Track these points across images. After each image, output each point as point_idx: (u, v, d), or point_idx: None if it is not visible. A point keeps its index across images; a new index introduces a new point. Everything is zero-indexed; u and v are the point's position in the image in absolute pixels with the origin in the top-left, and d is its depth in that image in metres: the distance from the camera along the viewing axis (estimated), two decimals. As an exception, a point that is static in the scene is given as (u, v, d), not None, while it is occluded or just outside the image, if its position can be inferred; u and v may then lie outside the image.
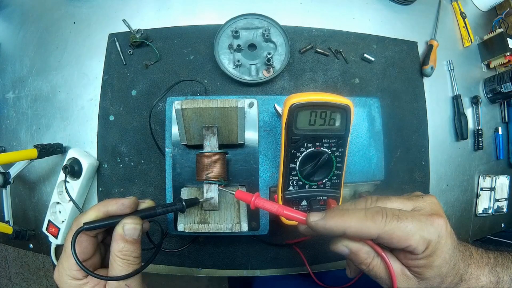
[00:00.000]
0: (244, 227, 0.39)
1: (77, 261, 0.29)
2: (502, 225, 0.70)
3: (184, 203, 0.36)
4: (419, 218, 0.27)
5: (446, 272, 0.28)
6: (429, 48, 0.63)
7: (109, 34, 0.59)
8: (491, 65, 0.68)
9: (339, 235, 0.29)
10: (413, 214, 0.28)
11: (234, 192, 0.35)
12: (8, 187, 0.57)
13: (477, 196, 0.66)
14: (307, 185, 0.37)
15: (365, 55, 0.60)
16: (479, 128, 0.65)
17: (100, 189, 0.57)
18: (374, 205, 0.30)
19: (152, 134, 0.55)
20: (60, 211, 0.56)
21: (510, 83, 0.62)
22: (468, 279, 0.29)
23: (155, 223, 0.37)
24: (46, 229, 0.56)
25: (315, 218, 0.29)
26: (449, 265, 0.28)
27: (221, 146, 0.42)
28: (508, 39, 0.64)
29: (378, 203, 0.30)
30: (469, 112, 0.66)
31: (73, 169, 0.53)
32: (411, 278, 0.29)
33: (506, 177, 0.69)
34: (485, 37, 0.68)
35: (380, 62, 0.61)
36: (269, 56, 0.55)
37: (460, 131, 0.64)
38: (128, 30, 0.57)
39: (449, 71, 0.65)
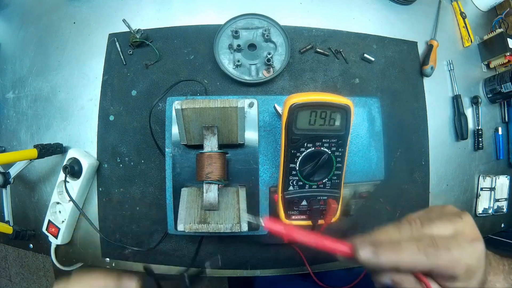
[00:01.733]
0: (244, 227, 0.39)
1: None
2: (502, 225, 0.70)
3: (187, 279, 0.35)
4: (463, 245, 0.27)
5: None
6: (429, 48, 0.63)
7: (109, 34, 0.59)
8: (491, 65, 0.68)
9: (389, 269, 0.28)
10: (458, 241, 0.27)
11: (262, 224, 0.31)
12: (8, 187, 0.57)
13: (477, 196, 0.66)
14: (307, 185, 0.37)
15: (365, 55, 0.60)
16: (479, 128, 0.65)
17: (100, 189, 0.57)
18: (420, 232, 0.29)
19: (152, 134, 0.55)
20: (60, 211, 0.56)
21: (510, 83, 0.62)
22: (487, 287, 0.29)
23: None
24: (46, 229, 0.56)
25: (366, 254, 0.27)
26: (481, 283, 0.28)
27: (221, 146, 0.42)
28: (508, 39, 0.64)
29: (423, 228, 0.29)
30: (469, 112, 0.66)
31: (73, 169, 0.53)
32: None
33: (506, 177, 0.69)
34: (485, 37, 0.68)
35: (380, 62, 0.61)
36: (269, 56, 0.55)
37: (460, 131, 0.63)
38: (128, 30, 0.57)
39: (449, 71, 0.65)
